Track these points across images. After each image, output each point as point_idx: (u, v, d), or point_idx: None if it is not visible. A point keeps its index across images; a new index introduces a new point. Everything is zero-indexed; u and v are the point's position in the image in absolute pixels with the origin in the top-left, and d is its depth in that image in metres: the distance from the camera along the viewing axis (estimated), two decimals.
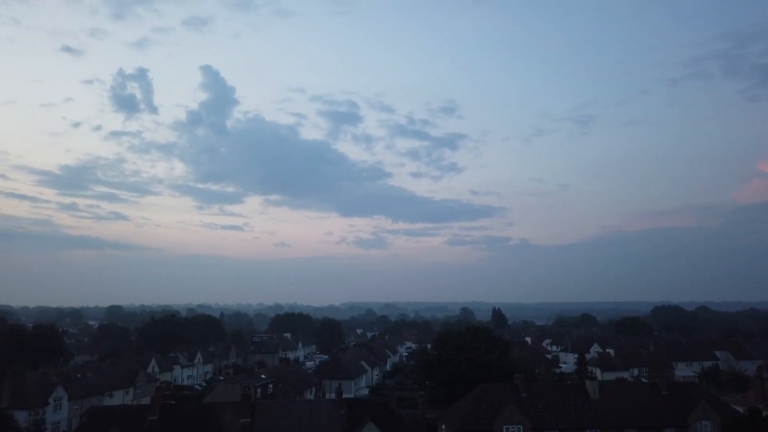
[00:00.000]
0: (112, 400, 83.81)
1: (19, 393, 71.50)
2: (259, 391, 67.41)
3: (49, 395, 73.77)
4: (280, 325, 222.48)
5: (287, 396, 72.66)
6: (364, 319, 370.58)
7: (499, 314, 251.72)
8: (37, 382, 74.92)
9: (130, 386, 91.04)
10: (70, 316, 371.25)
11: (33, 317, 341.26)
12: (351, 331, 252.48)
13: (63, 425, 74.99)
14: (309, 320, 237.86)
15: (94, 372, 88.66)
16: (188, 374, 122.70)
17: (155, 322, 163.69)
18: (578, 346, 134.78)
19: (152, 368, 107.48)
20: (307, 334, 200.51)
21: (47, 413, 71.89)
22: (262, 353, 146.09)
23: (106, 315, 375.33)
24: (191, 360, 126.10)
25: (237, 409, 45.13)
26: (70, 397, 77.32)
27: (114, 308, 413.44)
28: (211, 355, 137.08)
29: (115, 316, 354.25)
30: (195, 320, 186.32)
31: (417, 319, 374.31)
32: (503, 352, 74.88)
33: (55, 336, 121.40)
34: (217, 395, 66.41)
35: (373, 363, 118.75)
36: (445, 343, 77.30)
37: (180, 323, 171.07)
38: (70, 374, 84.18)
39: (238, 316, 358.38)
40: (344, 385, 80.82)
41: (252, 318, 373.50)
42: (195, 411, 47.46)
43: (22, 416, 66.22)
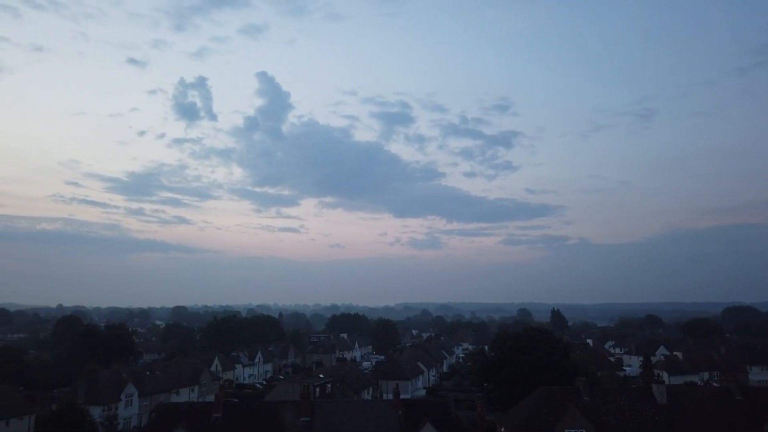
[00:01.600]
0: (178, 398, 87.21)
1: (94, 390, 75.51)
2: (317, 390, 68.39)
3: (121, 392, 77.56)
4: (337, 325, 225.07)
5: (345, 395, 73.41)
6: (420, 320, 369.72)
7: (559, 315, 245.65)
8: (109, 380, 78.90)
9: (195, 384, 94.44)
10: (139, 317, 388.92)
11: (105, 317, 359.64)
12: (406, 332, 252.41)
13: (134, 421, 78.62)
14: (365, 321, 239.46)
15: (162, 370, 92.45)
16: (249, 373, 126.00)
17: (217, 322, 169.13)
18: (643, 349, 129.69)
19: (215, 367, 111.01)
20: (363, 334, 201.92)
21: (119, 409, 75.61)
22: (320, 353, 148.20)
23: (171, 315, 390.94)
24: (252, 359, 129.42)
25: (297, 408, 45.92)
26: (140, 393, 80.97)
27: (179, 308, 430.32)
28: (271, 355, 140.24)
29: (180, 316, 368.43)
30: (255, 320, 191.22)
31: (473, 320, 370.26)
32: (563, 354, 73.02)
33: (125, 335, 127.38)
34: (278, 394, 67.88)
35: (429, 364, 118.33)
36: (503, 344, 76.11)
37: (241, 323, 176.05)
38: (140, 372, 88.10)
39: (295, 317, 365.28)
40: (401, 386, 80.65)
41: (309, 318, 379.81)
42: (257, 409, 48.62)
43: (97, 412, 69.93)
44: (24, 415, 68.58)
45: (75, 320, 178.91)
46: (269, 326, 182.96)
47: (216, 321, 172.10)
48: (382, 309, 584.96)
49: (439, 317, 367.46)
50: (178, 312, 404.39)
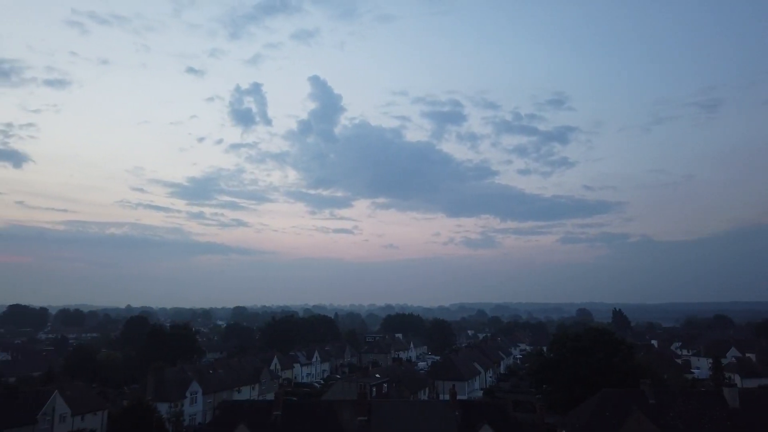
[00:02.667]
0: (240, 395, 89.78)
1: (161, 387, 78.79)
2: (374, 389, 68.86)
3: (186, 389, 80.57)
4: (392, 325, 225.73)
5: (401, 395, 73.57)
6: (475, 320, 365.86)
7: (621, 315, 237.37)
8: (175, 377, 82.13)
9: (255, 382, 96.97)
10: (201, 317, 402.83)
11: (170, 317, 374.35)
12: (462, 332, 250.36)
13: (198, 417, 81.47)
14: (419, 321, 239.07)
15: (224, 368, 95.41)
16: (307, 372, 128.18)
17: (276, 322, 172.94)
18: (712, 350, 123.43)
19: (274, 366, 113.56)
20: (418, 334, 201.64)
21: (185, 406, 78.50)
22: (375, 353, 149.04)
23: (232, 315, 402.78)
24: (309, 358, 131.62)
25: (354, 407, 46.41)
26: (204, 391, 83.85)
27: (239, 309, 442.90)
28: (328, 354, 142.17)
29: (240, 316, 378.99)
30: (311, 320, 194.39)
31: (530, 320, 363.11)
32: (626, 356, 70.53)
33: (189, 335, 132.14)
34: (335, 393, 68.78)
35: (486, 365, 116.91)
36: (562, 345, 74.27)
37: (298, 323, 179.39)
38: (203, 370, 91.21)
39: (351, 317, 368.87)
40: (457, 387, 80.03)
41: (364, 318, 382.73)
42: (315, 408, 49.45)
43: (164, 408, 72.84)
44: (97, 410, 72.42)
45: (142, 320, 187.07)
46: (325, 326, 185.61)
47: (274, 321, 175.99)
48: (437, 309, 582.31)
49: (496, 317, 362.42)
50: (238, 312, 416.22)
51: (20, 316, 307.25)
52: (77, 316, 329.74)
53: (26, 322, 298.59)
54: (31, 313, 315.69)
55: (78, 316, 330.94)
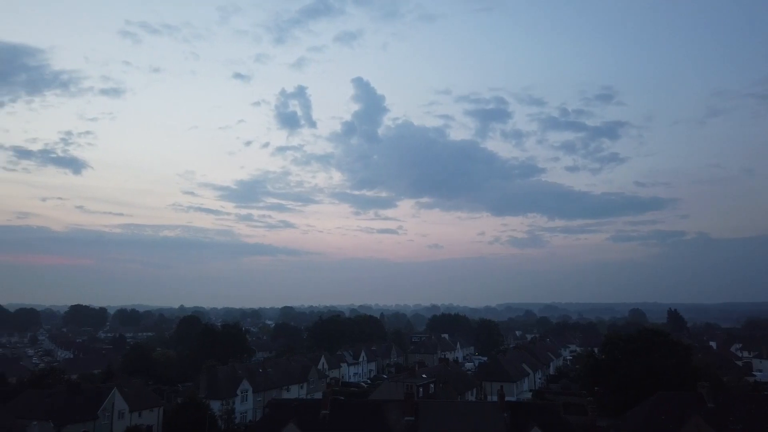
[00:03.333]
0: (288, 394, 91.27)
1: (213, 385, 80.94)
2: (421, 390, 68.69)
3: (237, 387, 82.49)
4: (437, 325, 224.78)
5: (448, 396, 73.12)
6: (523, 321, 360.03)
7: (676, 316, 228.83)
8: (227, 376, 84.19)
9: (303, 381, 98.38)
10: (251, 316, 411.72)
11: (221, 317, 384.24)
12: (509, 333, 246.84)
13: (249, 415, 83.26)
14: (466, 321, 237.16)
15: (273, 367, 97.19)
16: (354, 371, 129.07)
17: (322, 322, 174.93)
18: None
19: (322, 365, 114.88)
20: (464, 335, 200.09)
21: (236, 403, 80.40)
22: (422, 353, 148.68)
23: (280, 315, 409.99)
24: (356, 358, 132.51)
25: (402, 407, 46.43)
26: (254, 389, 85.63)
27: (287, 309, 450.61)
28: (374, 354, 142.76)
29: (288, 316, 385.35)
30: (357, 320, 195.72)
31: (580, 320, 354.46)
32: (683, 358, 67.95)
33: (239, 334, 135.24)
34: (382, 393, 68.97)
35: (534, 366, 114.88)
36: (615, 346, 72.23)
37: (344, 323, 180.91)
38: (253, 369, 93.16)
39: (396, 317, 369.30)
40: (505, 388, 79.13)
41: (410, 318, 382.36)
42: (362, 407, 49.76)
43: (216, 405, 74.83)
44: (154, 407, 75.00)
45: (195, 320, 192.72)
46: (372, 326, 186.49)
47: (321, 321, 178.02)
48: (483, 309, 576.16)
49: (544, 318, 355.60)
50: (286, 312, 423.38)
51: (81, 316, 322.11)
52: (134, 315, 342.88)
53: (87, 321, 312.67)
54: (91, 313, 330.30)
55: (134, 315, 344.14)
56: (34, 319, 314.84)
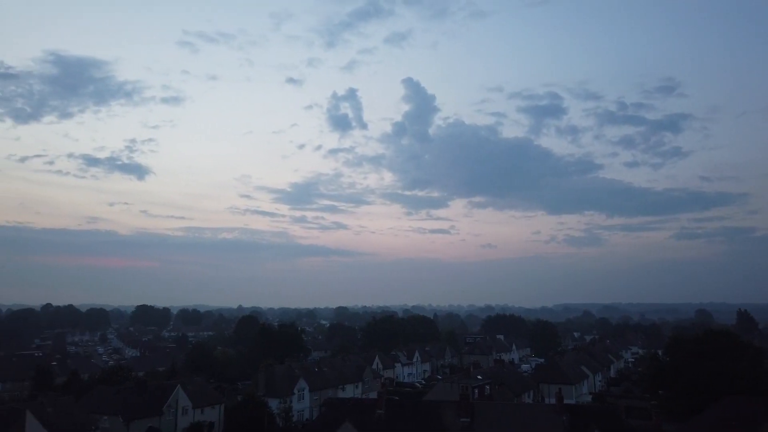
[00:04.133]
0: (344, 393, 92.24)
1: (271, 383, 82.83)
2: (476, 391, 68.04)
3: (294, 386, 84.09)
4: (492, 326, 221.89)
5: (504, 398, 72.07)
6: (581, 322, 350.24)
7: (746, 316, 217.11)
8: (284, 374, 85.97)
9: (358, 381, 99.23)
10: (306, 316, 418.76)
11: (277, 317, 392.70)
12: (567, 334, 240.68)
13: (306, 414, 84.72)
14: (521, 322, 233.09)
15: (328, 367, 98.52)
16: (408, 372, 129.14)
17: (376, 322, 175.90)
18: None
19: (376, 365, 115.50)
20: (520, 336, 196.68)
21: (293, 402, 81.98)
22: (476, 354, 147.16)
23: (334, 315, 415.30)
24: (410, 358, 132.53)
25: (457, 408, 46.13)
26: (311, 388, 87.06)
27: (341, 309, 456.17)
28: (428, 355, 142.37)
29: (342, 316, 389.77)
30: (411, 320, 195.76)
31: (642, 321, 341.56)
32: (754, 361, 64.39)
33: (295, 334, 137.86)
34: (437, 393, 68.74)
35: (594, 368, 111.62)
36: (680, 348, 69.31)
37: (398, 323, 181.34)
38: (310, 368, 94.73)
39: (450, 317, 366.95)
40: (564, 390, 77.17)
41: (464, 319, 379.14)
42: (417, 407, 49.76)
43: (274, 403, 76.53)
44: (215, 404, 77.46)
45: (253, 320, 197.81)
46: (425, 326, 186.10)
47: (375, 321, 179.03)
48: (539, 310, 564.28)
49: (603, 319, 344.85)
50: (340, 312, 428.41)
51: (147, 316, 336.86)
52: (195, 315, 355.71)
53: (152, 321, 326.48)
54: (156, 312, 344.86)
55: (196, 315, 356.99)
56: (103, 318, 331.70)
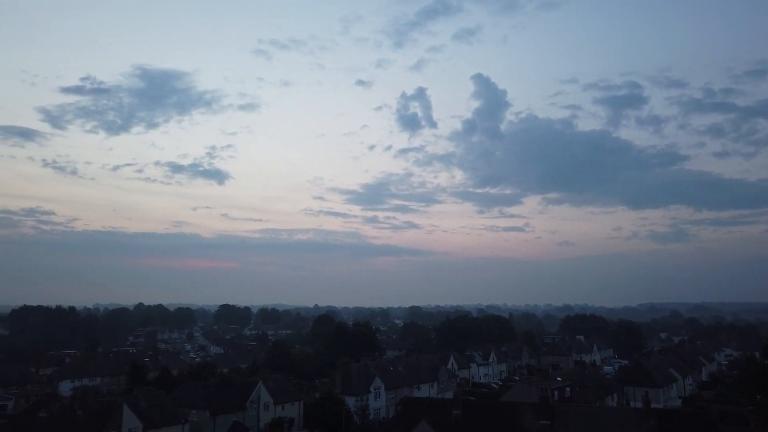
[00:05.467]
0: (419, 392, 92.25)
1: (348, 381, 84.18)
2: (556, 393, 66.09)
3: (370, 384, 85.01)
4: (571, 326, 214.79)
5: (586, 400, 69.61)
6: (668, 322, 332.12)
7: None
8: (360, 373, 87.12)
9: (433, 380, 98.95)
10: (380, 315, 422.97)
11: (352, 316, 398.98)
12: (653, 335, 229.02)
13: (382, 412, 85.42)
14: (602, 322, 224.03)
15: (403, 366, 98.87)
16: (484, 372, 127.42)
17: (450, 321, 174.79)
18: None
19: (451, 365, 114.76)
20: (602, 336, 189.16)
21: (369, 400, 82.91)
22: (555, 355, 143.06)
23: (407, 314, 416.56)
24: (486, 358, 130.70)
25: (536, 410, 45.02)
26: (386, 387, 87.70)
27: (414, 308, 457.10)
28: (504, 355, 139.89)
29: (416, 315, 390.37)
30: (486, 320, 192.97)
31: (736, 322, 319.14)
32: None
33: (370, 333, 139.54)
34: (514, 394, 67.37)
35: (684, 371, 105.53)
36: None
37: (472, 323, 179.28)
38: (385, 367, 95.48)
39: (526, 317, 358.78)
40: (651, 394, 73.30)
41: (541, 319, 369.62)
42: (494, 408, 49.00)
43: (351, 401, 77.76)
44: (295, 401, 79.80)
45: (328, 319, 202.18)
46: (500, 326, 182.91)
47: (449, 320, 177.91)
48: (622, 309, 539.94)
49: (693, 319, 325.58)
50: (414, 311, 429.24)
51: (229, 315, 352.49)
52: (274, 314, 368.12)
53: (234, 319, 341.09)
54: (237, 312, 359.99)
55: (274, 314, 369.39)
56: (189, 317, 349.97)
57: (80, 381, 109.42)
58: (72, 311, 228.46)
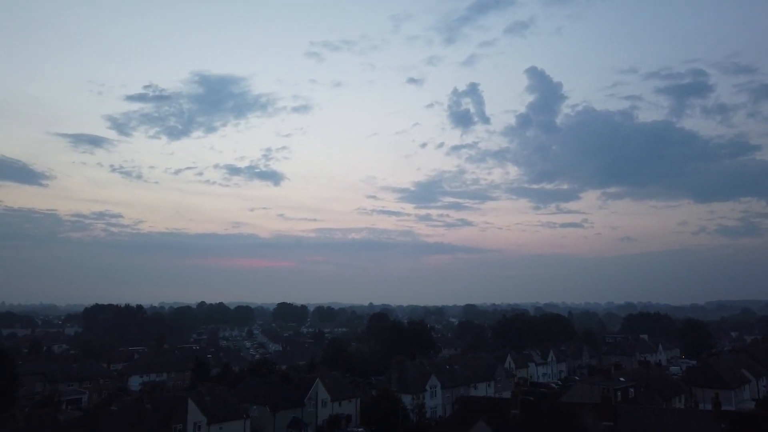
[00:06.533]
0: (476, 391, 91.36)
1: (403, 379, 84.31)
2: (619, 394, 63.96)
3: (426, 383, 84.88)
4: (634, 325, 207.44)
5: (651, 402, 67.00)
6: (739, 320, 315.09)
7: None
8: (415, 371, 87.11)
9: (490, 379, 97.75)
10: (434, 314, 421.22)
11: (406, 314, 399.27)
12: (723, 334, 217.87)
13: (438, 410, 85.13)
14: (667, 320, 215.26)
15: (459, 364, 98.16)
16: (543, 372, 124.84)
17: (506, 320, 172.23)
18: None
19: (508, 364, 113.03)
20: (667, 335, 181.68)
21: (425, 398, 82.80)
22: (617, 355, 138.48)
23: (462, 313, 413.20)
24: (544, 358, 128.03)
25: (598, 411, 43.70)
26: (442, 385, 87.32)
27: (469, 306, 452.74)
28: (564, 354, 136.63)
29: (471, 313, 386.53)
30: (543, 319, 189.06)
31: None
32: None
33: (425, 331, 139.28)
34: (574, 395, 65.61)
35: (757, 372, 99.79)
36: None
37: (529, 322, 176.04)
38: (440, 365, 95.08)
39: (586, 316, 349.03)
40: (721, 395, 69.91)
41: (601, 317, 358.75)
42: (554, 409, 47.91)
43: (407, 399, 77.85)
44: (352, 398, 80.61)
45: (383, 317, 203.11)
46: (559, 325, 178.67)
47: (505, 319, 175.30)
48: (689, 307, 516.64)
49: (766, 317, 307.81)
50: (469, 310, 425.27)
51: (286, 313, 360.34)
52: (329, 312, 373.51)
53: (291, 317, 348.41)
54: (294, 310, 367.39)
55: (330, 312, 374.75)
56: (249, 315, 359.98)
57: (148, 376, 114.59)
58: (139, 309, 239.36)
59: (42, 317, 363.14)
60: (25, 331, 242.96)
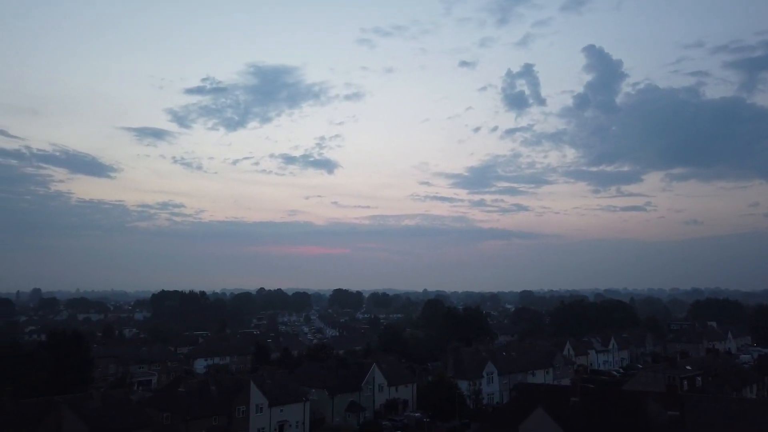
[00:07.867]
0: (533, 378, 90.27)
1: (459, 365, 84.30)
2: (685, 383, 61.77)
3: (482, 369, 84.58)
4: (702, 311, 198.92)
5: (720, 391, 64.28)
6: None
7: None
8: (472, 357, 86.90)
9: (548, 366, 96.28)
10: (490, 300, 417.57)
11: (461, 301, 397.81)
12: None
13: (496, 397, 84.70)
14: (738, 307, 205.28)
15: (516, 351, 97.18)
16: (603, 359, 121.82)
17: (565, 306, 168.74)
18: None
19: (567, 351, 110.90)
20: (737, 322, 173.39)
21: (482, 385, 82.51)
22: (683, 342, 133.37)
23: (519, 299, 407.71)
24: (605, 345, 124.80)
25: (663, 400, 42.24)
26: (499, 372, 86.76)
27: (525, 293, 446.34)
28: (626, 342, 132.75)
29: (527, 300, 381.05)
30: (603, 305, 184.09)
31: None
32: None
33: (480, 317, 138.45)
34: (637, 383, 63.84)
35: None
36: None
37: (589, 308, 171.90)
38: (497, 352, 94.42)
39: (649, 302, 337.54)
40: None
41: (666, 304, 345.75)
42: (616, 397, 46.65)
43: (464, 385, 77.82)
44: (408, 383, 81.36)
45: (438, 303, 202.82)
46: (620, 311, 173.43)
47: (563, 305, 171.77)
48: (761, 293, 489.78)
49: None
50: (525, 296, 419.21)
51: (342, 299, 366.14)
52: (384, 299, 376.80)
53: (347, 303, 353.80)
54: (350, 296, 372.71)
55: (385, 298, 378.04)
56: (306, 301, 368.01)
57: (212, 359, 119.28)
58: (203, 295, 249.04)
59: (113, 303, 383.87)
60: (98, 316, 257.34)
